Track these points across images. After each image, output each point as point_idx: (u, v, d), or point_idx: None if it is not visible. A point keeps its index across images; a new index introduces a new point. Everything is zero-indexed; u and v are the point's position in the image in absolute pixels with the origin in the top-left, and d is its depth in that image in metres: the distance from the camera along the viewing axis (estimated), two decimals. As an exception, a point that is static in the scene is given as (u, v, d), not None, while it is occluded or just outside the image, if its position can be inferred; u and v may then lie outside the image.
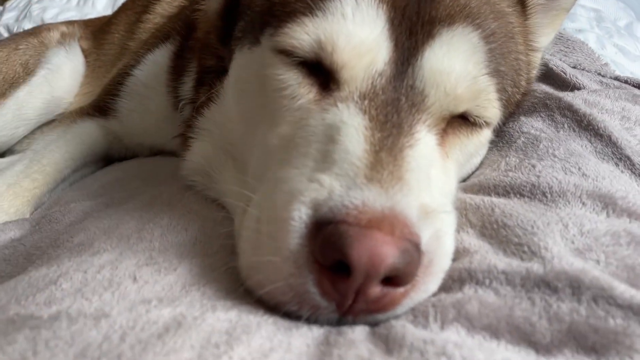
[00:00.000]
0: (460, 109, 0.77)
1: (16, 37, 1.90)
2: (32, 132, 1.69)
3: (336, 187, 0.62)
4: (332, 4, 0.73)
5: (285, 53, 0.76)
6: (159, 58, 1.34)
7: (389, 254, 0.56)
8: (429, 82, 0.73)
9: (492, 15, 0.80)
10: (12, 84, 1.67)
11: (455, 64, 0.74)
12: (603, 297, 0.57)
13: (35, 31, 1.92)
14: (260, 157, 0.79)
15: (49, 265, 0.71)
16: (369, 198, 0.60)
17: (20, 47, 1.79)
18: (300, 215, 0.62)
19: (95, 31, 2.00)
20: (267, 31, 0.80)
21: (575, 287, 0.58)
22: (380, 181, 0.62)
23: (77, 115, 1.46)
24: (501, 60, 0.79)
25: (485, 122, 0.80)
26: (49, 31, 1.97)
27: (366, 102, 0.71)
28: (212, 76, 1.01)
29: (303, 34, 0.73)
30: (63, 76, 1.84)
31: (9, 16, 2.80)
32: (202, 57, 1.08)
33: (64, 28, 2.02)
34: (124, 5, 1.99)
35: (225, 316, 0.58)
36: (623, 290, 0.57)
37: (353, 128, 0.68)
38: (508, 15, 0.85)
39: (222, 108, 0.94)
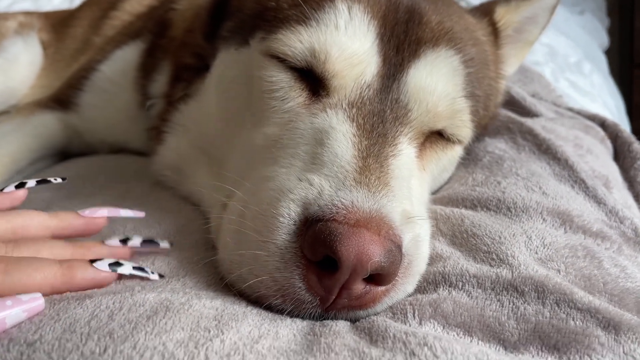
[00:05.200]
0: (439, 125, 0.81)
1: (-29, 25, 1.84)
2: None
3: (326, 187, 0.64)
4: (326, 16, 0.76)
5: (277, 58, 0.77)
6: (128, 55, 1.32)
7: (375, 252, 0.58)
8: (413, 98, 0.77)
9: (471, 41, 0.85)
10: (-34, 72, 1.62)
11: (437, 83, 0.78)
12: (565, 301, 0.62)
13: (-9, 20, 1.88)
14: (243, 155, 0.80)
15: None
16: (358, 199, 0.63)
17: (-25, 35, 1.74)
18: (289, 213, 0.64)
19: (56, 24, 1.95)
20: (257, 34, 0.82)
21: (540, 291, 0.63)
22: (368, 185, 0.65)
23: (36, 107, 1.41)
24: (476, 84, 0.84)
25: (458, 139, 0.85)
26: (6, 20, 1.91)
27: (354, 110, 0.74)
28: (190, 73, 1.01)
29: (296, 42, 0.76)
30: (19, 67, 1.79)
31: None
32: (179, 55, 1.07)
33: (21, 18, 1.96)
34: (89, 0, 1.96)
35: (210, 304, 0.59)
36: (582, 295, 0.62)
37: (341, 134, 0.71)
38: (483, 44, 0.91)
39: (201, 105, 0.95)
